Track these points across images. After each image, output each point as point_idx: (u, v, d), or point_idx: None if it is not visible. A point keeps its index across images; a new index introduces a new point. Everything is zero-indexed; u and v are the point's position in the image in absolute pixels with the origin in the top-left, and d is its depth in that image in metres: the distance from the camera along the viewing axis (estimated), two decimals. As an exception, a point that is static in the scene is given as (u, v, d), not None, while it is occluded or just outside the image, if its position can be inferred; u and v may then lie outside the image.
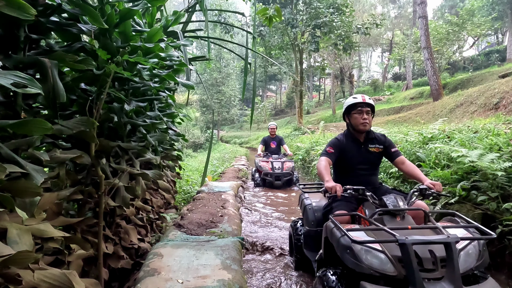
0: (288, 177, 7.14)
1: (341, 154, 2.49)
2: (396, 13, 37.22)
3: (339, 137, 2.58)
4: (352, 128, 2.52)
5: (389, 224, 1.77)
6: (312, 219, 2.61)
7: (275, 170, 7.14)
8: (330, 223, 1.92)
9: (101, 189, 1.79)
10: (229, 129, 40.03)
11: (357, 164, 2.49)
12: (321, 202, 2.72)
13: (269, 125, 8.10)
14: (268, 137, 8.19)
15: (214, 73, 28.01)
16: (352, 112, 2.47)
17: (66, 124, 1.47)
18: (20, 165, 1.18)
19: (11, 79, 0.96)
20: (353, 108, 2.47)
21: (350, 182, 2.20)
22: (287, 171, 7.15)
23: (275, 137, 8.11)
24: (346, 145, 2.51)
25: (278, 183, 7.08)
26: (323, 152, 2.49)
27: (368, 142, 2.53)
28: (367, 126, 2.44)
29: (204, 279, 1.91)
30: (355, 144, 2.52)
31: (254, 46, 4.62)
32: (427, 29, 15.02)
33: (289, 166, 7.30)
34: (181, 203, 4.65)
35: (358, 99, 2.44)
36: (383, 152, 2.55)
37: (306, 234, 2.66)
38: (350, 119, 2.52)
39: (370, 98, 2.46)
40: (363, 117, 2.42)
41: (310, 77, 36.23)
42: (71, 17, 1.70)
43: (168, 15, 2.95)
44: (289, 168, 7.25)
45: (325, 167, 2.32)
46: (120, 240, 2.28)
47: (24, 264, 1.10)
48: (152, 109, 2.71)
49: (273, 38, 16.61)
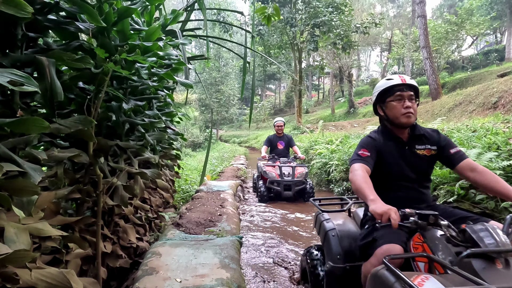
0: (301, 186, 5.76)
1: (378, 159, 1.80)
2: (395, 12, 37.24)
3: (373, 135, 1.89)
4: (390, 122, 1.82)
5: (488, 275, 1.05)
6: (338, 251, 1.88)
7: (284, 177, 5.77)
8: (384, 272, 1.20)
9: (100, 188, 1.78)
10: (228, 129, 40.02)
11: (399, 174, 1.79)
12: (347, 225, 2.06)
13: (276, 122, 6.64)
14: (274, 136, 6.66)
15: (213, 72, 27.99)
16: (388, 99, 1.80)
17: (64, 122, 1.46)
18: (17, 163, 1.17)
19: (8, 77, 0.96)
20: (388, 93, 1.80)
21: (391, 201, 1.49)
22: (299, 179, 5.76)
23: (282, 136, 6.62)
24: (383, 146, 1.82)
25: (288, 193, 5.70)
26: (354, 157, 1.78)
27: (415, 142, 1.83)
28: (411, 118, 1.75)
29: (203, 278, 1.91)
30: (395, 144, 1.82)
31: (253, 45, 4.62)
32: (426, 29, 15.03)
33: (302, 172, 5.89)
34: (180, 202, 4.65)
35: (395, 80, 1.78)
36: (438, 155, 1.82)
37: (330, 272, 1.90)
38: (385, 110, 1.83)
39: (411, 78, 1.83)
40: (404, 104, 1.74)
41: (309, 76, 36.25)
42: (69, 16, 1.70)
43: (167, 14, 2.94)
44: (301, 174, 5.84)
45: (365, 178, 1.60)
46: (119, 239, 2.28)
47: (22, 263, 1.10)
48: (150, 108, 2.70)
49: (272, 37, 16.61)
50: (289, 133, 17.24)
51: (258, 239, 3.88)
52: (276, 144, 6.60)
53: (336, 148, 7.58)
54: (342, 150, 6.82)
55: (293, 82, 18.81)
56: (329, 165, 6.82)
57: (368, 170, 1.69)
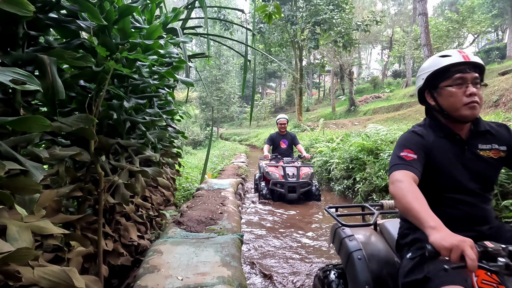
0: (306, 187, 5.45)
1: (427, 163, 1.32)
2: (396, 10, 37.14)
3: (419, 131, 1.39)
4: (445, 114, 1.34)
5: None
6: (366, 279, 1.46)
7: (288, 179, 5.44)
8: None
9: (101, 186, 1.79)
10: (228, 126, 40.02)
11: (456, 183, 1.32)
12: (376, 245, 1.62)
13: (278, 119, 6.25)
14: (276, 134, 6.30)
15: (214, 70, 28.01)
16: (443, 83, 1.31)
17: (65, 121, 1.46)
18: (19, 162, 1.18)
19: (10, 76, 0.96)
20: (443, 75, 1.31)
21: (443, 221, 1.03)
22: (304, 180, 5.45)
23: (286, 135, 6.28)
24: (434, 146, 1.34)
25: (293, 195, 5.37)
26: (395, 161, 1.30)
27: (478, 140, 1.36)
28: (476, 109, 1.28)
29: (204, 276, 1.91)
30: (451, 144, 1.35)
31: (254, 43, 4.61)
32: (427, 26, 14.98)
33: (307, 173, 5.58)
34: (180, 200, 4.65)
35: (453, 58, 1.29)
36: (507, 158, 1.35)
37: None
38: (438, 98, 1.34)
39: (475, 55, 1.38)
40: (468, 91, 1.27)
41: (310, 74, 36.20)
42: (70, 14, 1.70)
43: (168, 12, 2.94)
44: (307, 175, 5.53)
45: (415, 193, 1.14)
46: (120, 237, 2.29)
47: (24, 261, 1.10)
48: (151, 106, 2.70)
49: (272, 35, 16.58)
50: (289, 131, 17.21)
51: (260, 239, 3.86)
52: (279, 142, 6.22)
53: (336, 146, 7.58)
54: (343, 148, 6.82)
55: (293, 80, 18.80)
56: (330, 163, 6.82)
57: (416, 180, 1.23)
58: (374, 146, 5.59)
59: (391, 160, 1.35)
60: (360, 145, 5.88)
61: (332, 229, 1.92)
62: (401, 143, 1.37)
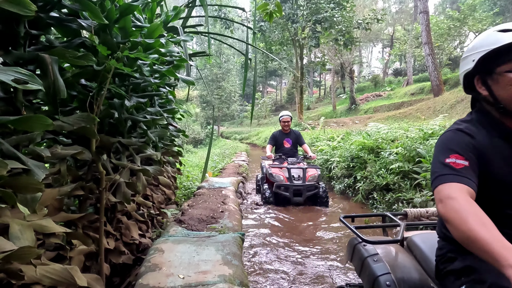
0: (313, 191, 5.02)
1: (482, 170, 1.03)
2: (397, 8, 37.04)
3: (466, 128, 1.09)
4: (501, 109, 1.06)
5: None
6: None
7: (293, 181, 5.01)
8: None
9: (102, 185, 1.79)
10: (229, 125, 40.05)
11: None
12: (407, 267, 1.33)
13: (281, 116, 5.77)
14: (279, 133, 5.83)
15: (214, 69, 28.00)
16: (502, 68, 1.02)
17: (66, 120, 1.47)
18: (21, 161, 1.18)
19: (12, 75, 0.96)
20: (505, 57, 1.02)
21: None
22: (311, 182, 5.03)
23: (289, 133, 5.82)
24: (487, 146, 1.05)
25: (298, 199, 4.96)
26: (440, 171, 1.02)
27: None
28: None
29: (205, 275, 1.92)
30: (509, 146, 1.06)
31: (255, 41, 4.61)
32: (428, 25, 14.95)
33: (314, 174, 5.12)
34: (181, 199, 4.66)
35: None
36: None
37: None
38: (494, 86, 1.06)
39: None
40: None
41: (311, 73, 36.15)
42: (71, 13, 1.70)
43: (168, 11, 2.94)
44: (313, 177, 5.08)
45: (478, 216, 0.86)
46: (121, 236, 2.29)
47: (27, 259, 1.11)
48: (152, 105, 2.71)
49: (273, 33, 16.56)
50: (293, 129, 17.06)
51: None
52: (282, 142, 5.74)
53: (337, 144, 7.58)
54: (344, 147, 6.82)
55: (294, 79, 18.78)
56: (331, 161, 6.83)
57: (473, 195, 0.95)
58: (375, 145, 5.59)
59: (433, 169, 1.05)
60: (361, 144, 5.88)
61: (350, 244, 1.64)
62: (445, 146, 1.06)
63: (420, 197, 3.32)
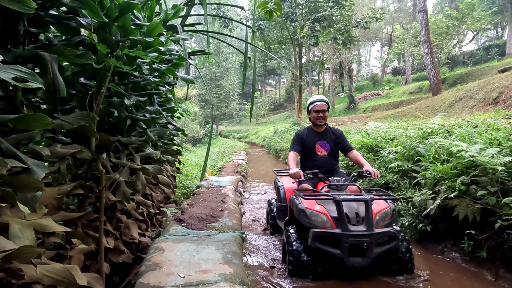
0: (388, 245, 2.55)
1: None
2: (396, 7, 37.00)
3: None
4: None
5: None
6: None
7: (349, 225, 2.49)
8: None
9: (102, 184, 1.79)
10: (228, 124, 40.03)
11: None
12: None
13: (313, 103, 3.29)
14: (308, 132, 3.36)
15: (213, 67, 27.96)
16: None
17: (66, 118, 1.46)
18: (21, 160, 1.17)
19: (12, 73, 0.95)
20: None
21: None
22: (383, 230, 2.52)
23: (325, 132, 3.36)
24: None
25: (358, 261, 2.48)
26: None
27: None
28: None
29: (206, 273, 1.92)
30: None
31: (254, 40, 4.60)
32: (427, 23, 14.96)
33: (386, 211, 2.67)
34: (180, 198, 4.66)
35: None
36: None
37: None
38: None
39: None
40: None
41: (309, 72, 36.11)
42: (70, 11, 1.69)
43: (168, 9, 2.92)
44: (385, 217, 2.66)
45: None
46: (121, 235, 2.29)
47: (27, 259, 1.10)
48: (152, 104, 2.70)
49: (272, 32, 16.52)
50: (289, 129, 17.03)
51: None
52: (314, 146, 3.26)
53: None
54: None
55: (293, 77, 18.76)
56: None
57: None
58: (374, 144, 5.58)
59: None
60: (360, 143, 5.87)
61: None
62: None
63: (420, 195, 3.32)
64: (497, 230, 2.59)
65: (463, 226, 2.87)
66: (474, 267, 2.75)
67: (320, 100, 3.29)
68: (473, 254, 2.83)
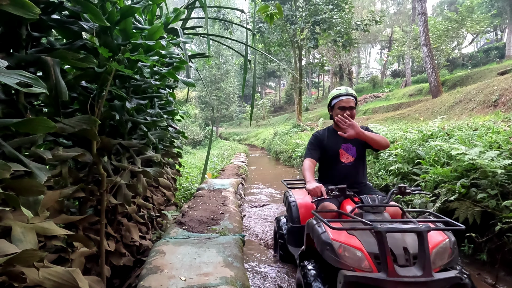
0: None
1: None
2: (395, 10, 37.10)
3: None
4: None
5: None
6: None
7: (399, 271, 1.47)
8: None
9: (103, 187, 1.79)
10: (228, 126, 40.02)
11: None
12: None
13: (338, 96, 2.43)
14: (329, 133, 2.55)
15: (213, 70, 28.01)
16: None
17: (68, 122, 1.47)
18: (23, 163, 1.18)
19: (16, 78, 0.96)
20: None
21: None
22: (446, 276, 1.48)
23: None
24: None
25: None
26: None
27: None
28: None
29: (207, 277, 1.92)
30: None
31: (254, 42, 4.61)
32: (427, 26, 14.99)
33: (444, 245, 1.67)
34: (181, 200, 4.66)
35: None
36: None
37: None
38: None
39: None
40: None
41: (309, 74, 36.19)
42: (72, 15, 1.70)
43: (169, 12, 2.94)
44: (442, 252, 1.65)
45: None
46: (122, 238, 2.29)
47: (30, 262, 1.10)
48: (152, 107, 2.71)
49: (272, 34, 16.56)
50: (289, 131, 17.08)
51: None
52: (338, 151, 2.48)
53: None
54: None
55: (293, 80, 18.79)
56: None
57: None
58: (374, 146, 5.58)
59: None
60: (360, 145, 5.87)
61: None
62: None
63: (420, 198, 3.33)
64: (497, 233, 2.59)
65: (463, 229, 2.91)
66: (474, 270, 2.76)
67: (347, 93, 2.44)
68: (473, 257, 2.83)
